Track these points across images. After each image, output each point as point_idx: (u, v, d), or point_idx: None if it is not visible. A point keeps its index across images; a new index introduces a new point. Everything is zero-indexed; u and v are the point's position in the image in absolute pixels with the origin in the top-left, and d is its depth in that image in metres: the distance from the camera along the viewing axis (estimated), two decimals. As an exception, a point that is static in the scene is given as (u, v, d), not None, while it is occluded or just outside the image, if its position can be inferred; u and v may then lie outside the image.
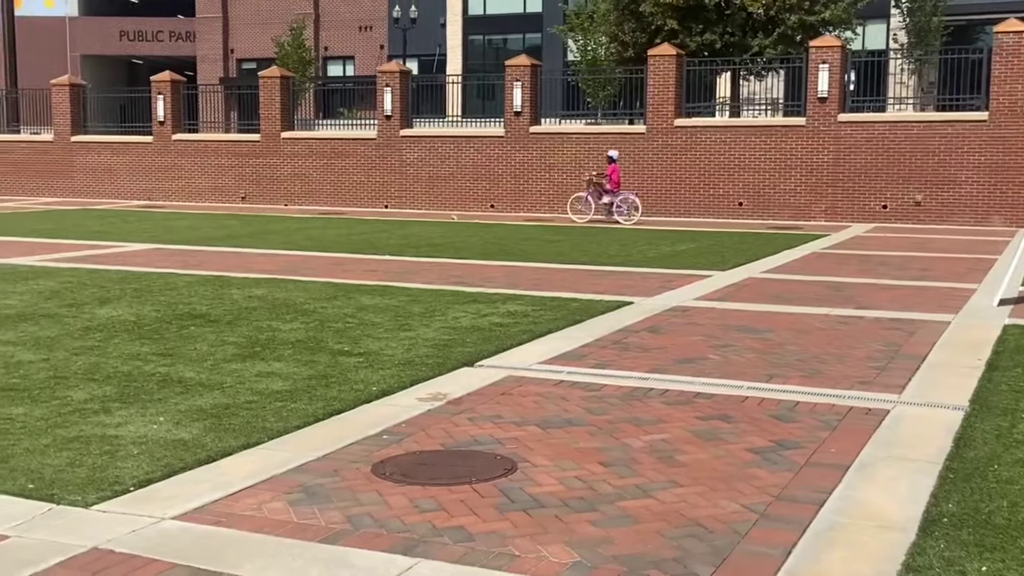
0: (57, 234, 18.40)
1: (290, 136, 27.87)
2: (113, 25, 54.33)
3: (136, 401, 6.69)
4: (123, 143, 29.70)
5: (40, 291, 11.28)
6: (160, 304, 10.52)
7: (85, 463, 5.43)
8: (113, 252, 15.57)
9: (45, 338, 8.67)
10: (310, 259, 14.91)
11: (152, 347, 8.38)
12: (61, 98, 29.88)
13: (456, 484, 5.17)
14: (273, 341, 8.69)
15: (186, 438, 5.91)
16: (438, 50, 46.94)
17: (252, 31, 49.88)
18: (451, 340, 8.78)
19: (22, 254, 14.95)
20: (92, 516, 4.72)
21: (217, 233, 19.08)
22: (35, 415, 6.32)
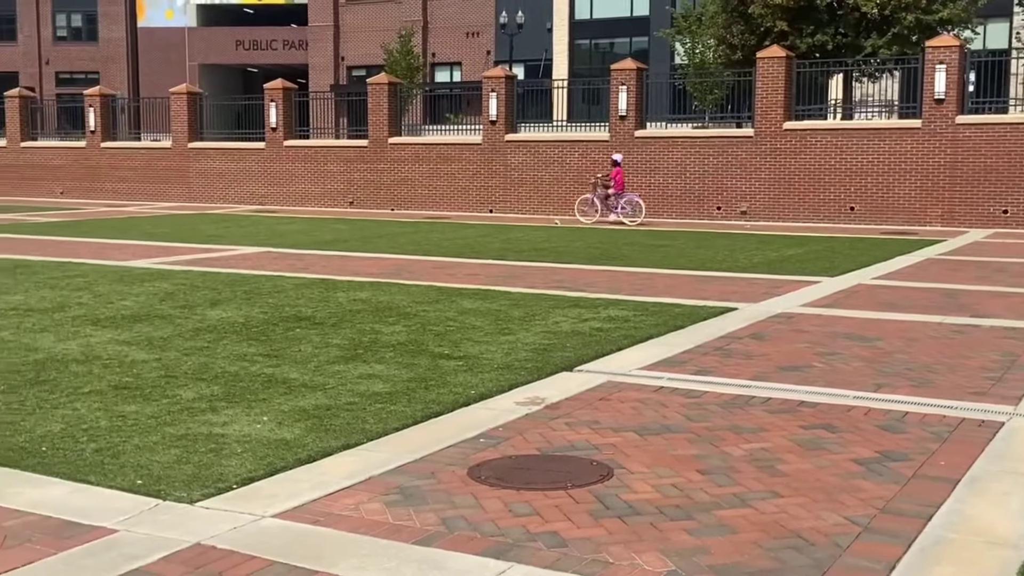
0: (173, 237, 19.03)
1: (397, 142, 28.28)
2: (229, 35, 56.00)
3: (242, 401, 6.86)
4: (237, 149, 30.58)
5: (155, 293, 11.68)
6: (268, 306, 10.77)
7: (191, 460, 5.58)
8: (225, 255, 16.02)
9: (158, 338, 8.97)
10: (414, 263, 15.09)
11: (259, 348, 8.58)
12: (179, 106, 30.91)
13: (551, 489, 5.15)
14: (375, 344, 8.80)
15: (288, 438, 6.02)
16: (544, 55, 47.03)
17: (362, 39, 50.81)
18: (551, 344, 8.76)
19: (139, 257, 15.50)
20: (196, 512, 4.84)
21: (325, 237, 19.47)
22: (146, 413, 6.53)
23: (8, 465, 5.46)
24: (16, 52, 59.11)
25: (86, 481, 5.23)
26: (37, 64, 58.76)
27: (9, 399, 6.80)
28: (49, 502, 4.92)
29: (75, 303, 10.86)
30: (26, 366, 7.79)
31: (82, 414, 6.47)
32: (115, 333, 9.16)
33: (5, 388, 7.09)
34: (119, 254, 15.86)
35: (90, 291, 11.74)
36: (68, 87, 55.01)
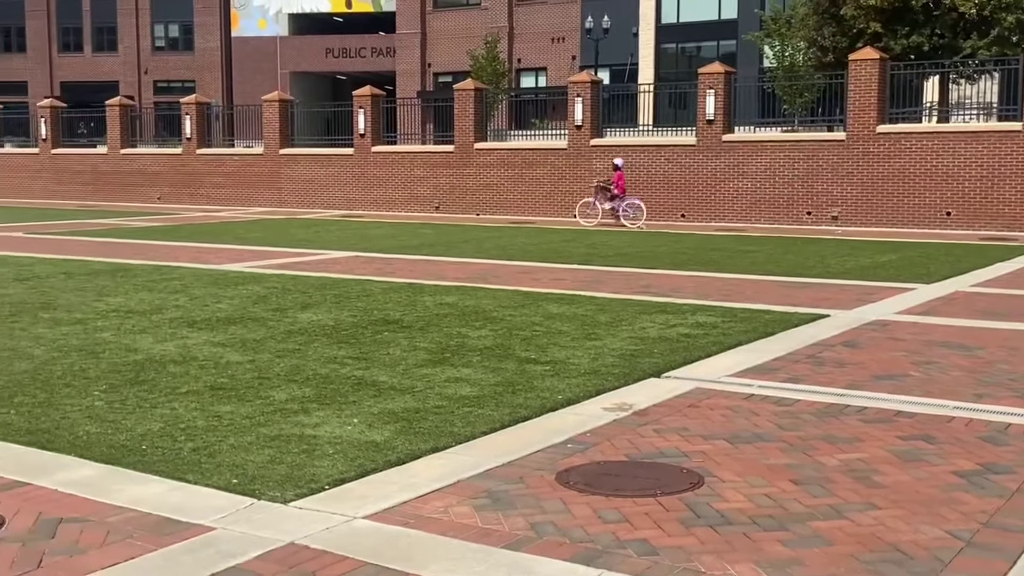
0: (265, 242, 19.41)
1: (483, 147, 28.43)
2: (319, 43, 56.99)
3: (332, 403, 6.95)
4: (326, 155, 31.08)
5: (248, 296, 11.92)
6: (357, 310, 10.91)
7: (285, 461, 5.67)
8: (315, 259, 16.29)
9: (251, 340, 9.15)
10: (499, 267, 15.14)
11: (348, 351, 8.70)
12: (271, 113, 31.56)
13: (641, 496, 5.10)
14: (462, 348, 8.85)
15: (378, 440, 6.08)
16: (630, 59, 46.80)
17: (449, 46, 51.23)
18: (638, 350, 8.70)
19: (233, 261, 15.85)
20: (290, 512, 4.92)
21: (412, 242, 19.66)
22: (241, 413, 6.67)
23: (110, 462, 5.62)
24: (117, 62, 61.04)
25: (184, 479, 5.35)
26: (136, 73, 60.59)
27: (111, 398, 7.01)
28: (149, 499, 5.05)
29: (172, 305, 11.15)
30: (126, 366, 8.02)
31: (180, 414, 6.63)
32: (210, 335, 9.38)
33: (107, 387, 7.31)
34: (214, 258, 16.25)
35: (186, 294, 12.04)
36: (165, 95, 56.59)
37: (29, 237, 20.34)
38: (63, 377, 7.62)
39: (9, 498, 5.07)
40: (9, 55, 62.66)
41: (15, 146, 38.54)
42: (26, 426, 6.32)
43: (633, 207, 23.75)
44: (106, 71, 60.70)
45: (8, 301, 11.38)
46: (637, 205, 23.76)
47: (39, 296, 11.79)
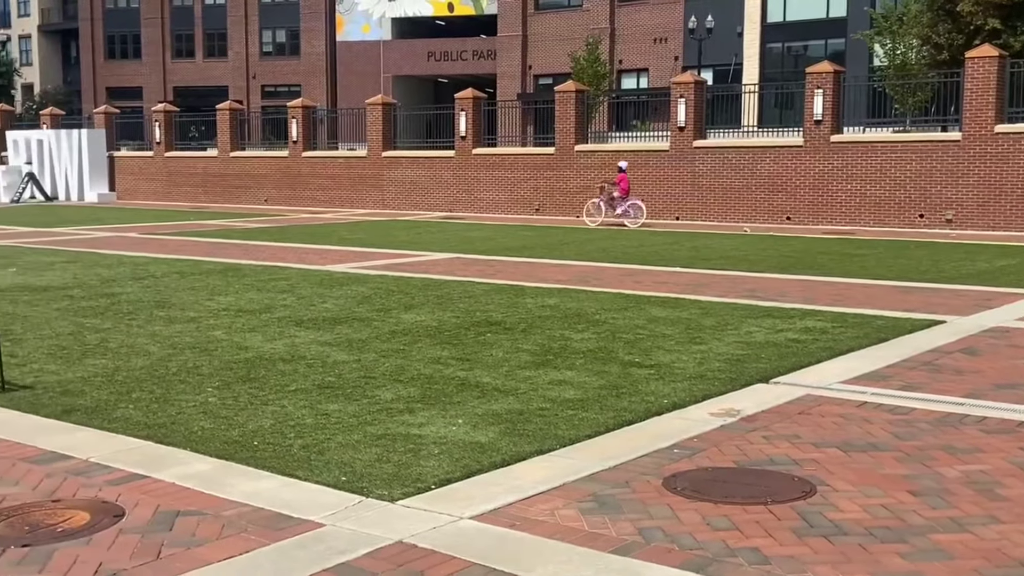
0: (368, 243, 19.70)
1: (583, 149, 28.35)
2: (422, 47, 57.65)
3: (437, 403, 7.00)
4: (427, 157, 31.41)
5: (353, 296, 12.10)
6: (459, 311, 10.97)
7: (391, 459, 5.73)
8: (417, 261, 16.46)
9: (357, 340, 9.28)
10: (601, 270, 15.06)
11: (452, 352, 8.74)
12: (374, 116, 32.03)
13: (751, 504, 5.00)
14: (565, 350, 8.82)
15: (483, 441, 6.09)
16: (734, 59, 46.13)
17: (549, 47, 51.25)
18: (745, 355, 8.54)
19: (337, 261, 16.12)
20: (397, 511, 4.96)
21: (513, 243, 19.71)
22: (348, 412, 6.76)
23: (224, 457, 5.75)
24: (227, 67, 62.76)
25: (294, 476, 5.44)
26: (245, 78, 62.20)
27: (224, 395, 7.18)
28: (262, 494, 5.15)
29: (280, 305, 11.38)
30: (238, 364, 8.21)
31: (289, 411, 6.76)
32: (317, 334, 9.55)
33: (220, 384, 7.50)
34: (319, 259, 16.55)
35: (294, 294, 12.28)
36: (272, 99, 57.95)
37: (144, 237, 21.04)
38: (178, 374, 7.84)
39: (129, 490, 5.23)
40: (125, 61, 64.97)
41: (131, 149, 39.93)
42: (144, 420, 6.52)
43: (635, 208, 24.70)
44: (216, 76, 62.46)
45: (126, 299, 11.78)
46: (638, 206, 24.76)
47: (154, 295, 12.17)
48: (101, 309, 11.03)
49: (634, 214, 24.65)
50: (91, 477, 5.44)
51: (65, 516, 4.89)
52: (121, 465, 5.62)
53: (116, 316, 10.57)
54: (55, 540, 4.59)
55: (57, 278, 13.85)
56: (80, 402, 6.96)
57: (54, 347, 8.89)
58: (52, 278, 13.86)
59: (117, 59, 65.36)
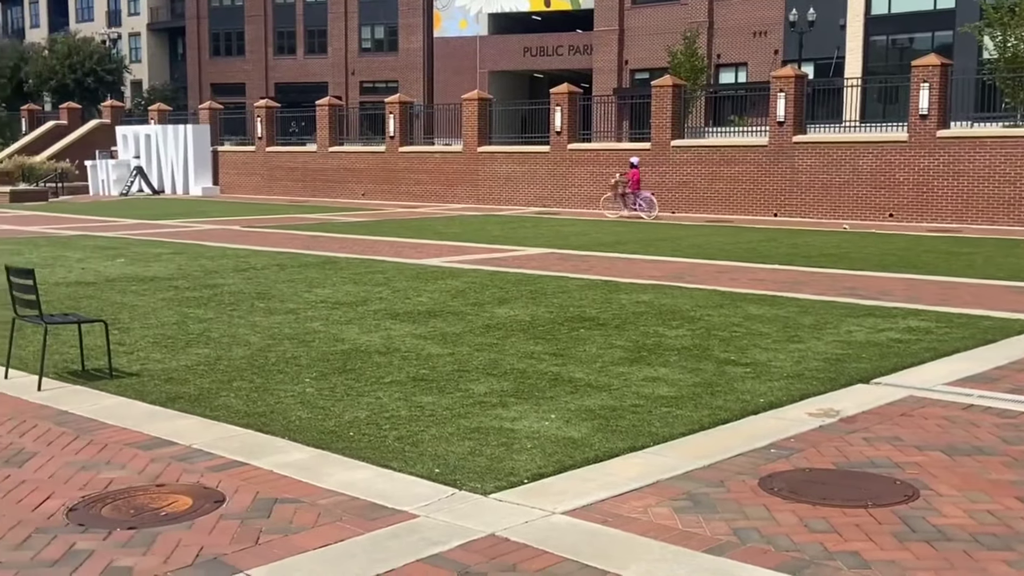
0: (462, 238, 19.83)
1: (679, 144, 28.06)
2: (518, 42, 57.74)
3: (530, 397, 7.00)
4: (522, 153, 31.45)
5: (447, 290, 12.20)
6: (553, 306, 10.96)
7: (484, 453, 5.75)
8: (511, 255, 16.50)
9: (451, 334, 9.35)
10: (696, 266, 14.88)
11: (545, 347, 8.74)
12: (470, 112, 32.21)
13: (850, 506, 4.88)
14: (659, 347, 8.74)
15: (575, 436, 6.08)
16: (836, 53, 45.09)
17: (646, 42, 50.84)
18: (844, 355, 8.34)
19: (432, 255, 16.27)
20: (490, 504, 4.98)
21: (606, 239, 19.62)
22: (442, 404, 6.81)
23: (320, 447, 5.85)
24: (326, 64, 63.84)
25: (389, 467, 5.51)
26: (344, 75, 63.17)
27: (321, 386, 7.31)
28: (357, 484, 5.22)
29: (376, 298, 11.54)
30: (334, 355, 8.35)
31: (384, 403, 6.84)
32: (412, 327, 9.64)
33: (317, 375, 7.63)
34: (414, 253, 16.72)
35: (389, 287, 12.43)
36: (370, 95, 58.73)
37: (246, 230, 21.55)
38: (277, 364, 8.01)
39: (229, 477, 5.36)
40: (230, 58, 66.58)
41: (234, 144, 40.93)
42: (244, 409, 6.67)
43: (647, 201, 26.02)
44: (316, 72, 63.57)
45: (228, 290, 12.08)
46: (650, 199, 26.06)
47: (255, 286, 12.46)
48: (204, 299, 11.33)
49: (647, 207, 25.86)
50: (193, 463, 5.59)
51: (169, 500, 5.03)
52: (222, 452, 5.76)
53: (218, 306, 10.85)
54: (159, 523, 4.73)
55: (163, 269, 14.28)
56: (184, 390, 7.16)
57: (159, 336, 9.16)
58: (158, 269, 14.29)
59: (222, 56, 67.03)
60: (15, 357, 7.97)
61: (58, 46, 57.24)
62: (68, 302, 11.02)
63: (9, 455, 5.78)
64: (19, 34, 73.47)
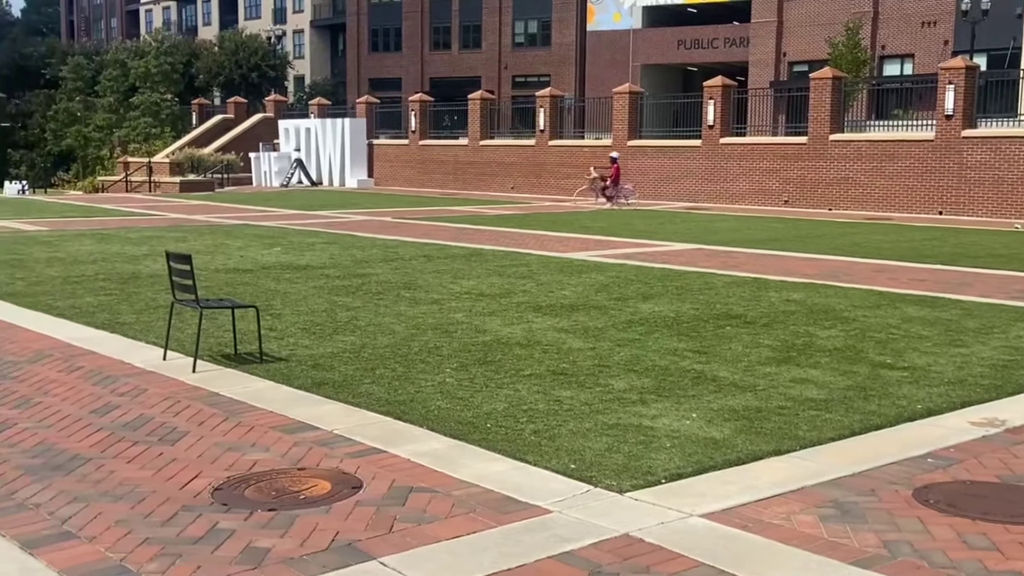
0: (608, 232, 19.66)
1: (838, 138, 27.10)
2: (672, 35, 56.99)
3: (671, 395, 6.84)
4: (673, 147, 30.99)
5: (591, 284, 12.09)
6: (698, 303, 10.71)
7: (621, 450, 5.63)
8: (658, 251, 16.25)
9: (593, 328, 9.24)
10: (852, 265, 14.30)
11: (688, 344, 8.54)
12: (621, 105, 31.94)
13: (1014, 523, 4.55)
14: (809, 347, 8.41)
15: (717, 437, 5.89)
16: (1012, 43, 42.69)
17: (806, 33, 49.34)
18: (1012, 361, 7.83)
19: (577, 249, 16.18)
20: (625, 502, 4.86)
21: (758, 235, 19.11)
22: (580, 399, 6.72)
23: (458, 438, 5.85)
24: (480, 58, 64.56)
25: (524, 460, 5.46)
26: (497, 69, 63.74)
27: (461, 376, 7.33)
28: (492, 476, 5.19)
29: (520, 290, 11.53)
30: (476, 346, 8.36)
31: (522, 395, 6.80)
32: (554, 321, 9.58)
33: (458, 365, 7.66)
34: (560, 246, 16.67)
35: (533, 280, 12.42)
36: (522, 90, 59.06)
37: (396, 222, 21.96)
38: (419, 353, 8.08)
39: (367, 463, 5.41)
40: (386, 54, 68.11)
41: (388, 138, 41.84)
42: (385, 397, 6.74)
43: (627, 192, 28.20)
44: (470, 67, 64.36)
45: (376, 280, 12.30)
46: (630, 190, 28.37)
47: (402, 276, 12.65)
48: (353, 288, 11.57)
49: (627, 196, 27.94)
50: (334, 448, 5.68)
51: (308, 484, 5.11)
52: (362, 438, 5.83)
53: (366, 295, 11.06)
54: (298, 507, 4.81)
55: (316, 258, 14.68)
56: (329, 376, 7.30)
57: (309, 323, 9.39)
58: (312, 258, 14.69)
59: (379, 51, 68.64)
60: (174, 339, 8.29)
61: (226, 43, 59.80)
62: (226, 288, 11.44)
63: (163, 433, 6.00)
64: (192, 32, 77.11)
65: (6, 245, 16.25)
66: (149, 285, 11.58)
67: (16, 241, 16.97)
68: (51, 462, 5.47)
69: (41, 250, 15.53)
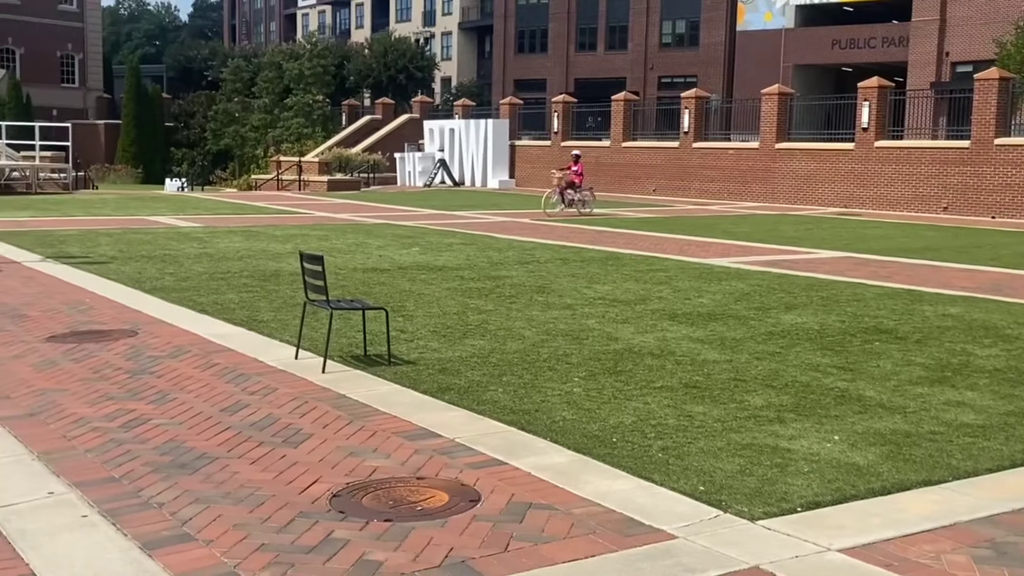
0: (752, 238, 19.06)
1: (1005, 143, 25.61)
2: (825, 35, 55.22)
3: (811, 415, 6.45)
4: (823, 150, 29.93)
5: (731, 292, 11.66)
6: (845, 315, 10.18)
7: (755, 473, 5.31)
8: (803, 258, 15.62)
9: (730, 339, 8.86)
10: (1016, 278, 13.40)
11: (833, 359, 8.08)
12: (769, 107, 31.06)
13: None
14: (966, 367, 7.84)
15: (860, 463, 5.49)
16: None
17: (971, 32, 46.98)
18: None
19: (718, 255, 15.70)
20: (756, 531, 4.56)
21: (913, 244, 18.17)
22: (713, 415, 6.40)
23: (582, 452, 5.64)
24: (626, 59, 64.05)
25: (650, 479, 5.20)
26: (643, 70, 63.12)
27: (588, 386, 7.11)
28: (614, 495, 4.96)
29: (655, 297, 11.22)
30: (606, 355, 8.12)
31: (652, 409, 6.53)
32: (690, 330, 9.25)
33: (586, 374, 7.44)
34: (700, 251, 16.23)
35: (670, 286, 12.07)
36: (668, 91, 58.29)
37: (535, 223, 21.86)
38: (547, 360, 7.89)
39: (487, 475, 5.25)
40: (532, 55, 68.38)
41: (531, 139, 41.87)
42: (510, 405, 6.58)
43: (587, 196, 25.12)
44: (615, 68, 63.92)
45: (510, 283, 12.19)
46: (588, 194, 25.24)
47: (536, 280, 12.49)
48: (486, 291, 11.48)
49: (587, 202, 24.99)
50: (454, 457, 5.54)
51: (426, 495, 4.99)
52: (483, 448, 5.68)
53: (498, 298, 10.95)
54: (414, 518, 4.69)
55: (452, 259, 14.69)
56: (455, 381, 7.19)
57: (439, 325, 9.32)
58: (448, 258, 14.71)
59: (525, 53, 68.95)
60: (307, 338, 8.35)
61: (376, 45, 61.10)
62: (362, 288, 11.53)
63: (288, 435, 5.99)
64: (346, 34, 79.18)
65: (161, 241, 16.88)
66: (289, 283, 11.78)
67: (170, 237, 17.62)
68: (178, 460, 5.53)
69: (192, 246, 16.06)
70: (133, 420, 6.28)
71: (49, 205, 25.93)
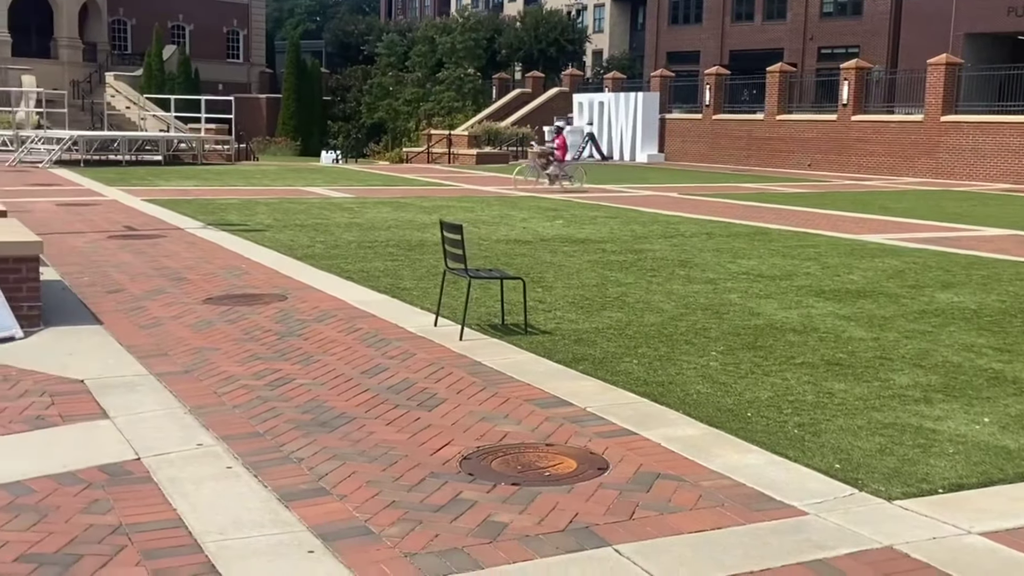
0: (911, 214, 18.30)
1: None
2: (1000, 1, 52.27)
3: (961, 396, 6.17)
4: (994, 123, 28.42)
5: (884, 269, 11.24)
6: (1007, 295, 9.68)
7: (895, 452, 5.13)
8: (965, 236, 14.91)
9: (879, 317, 8.55)
10: None
11: (989, 340, 7.71)
12: (935, 78, 29.66)
13: None
14: None
15: (1010, 446, 5.24)
16: None
17: None
18: None
19: (873, 231, 15.14)
20: (892, 511, 4.41)
21: (1087, 222, 17.08)
22: (854, 393, 6.21)
23: (713, 424, 5.56)
24: (784, 29, 62.17)
25: (784, 455, 5.10)
26: (801, 40, 61.13)
27: (726, 360, 6.99)
28: (745, 469, 4.88)
29: (802, 273, 10.92)
30: (746, 330, 7.97)
31: (790, 385, 6.38)
32: (836, 307, 8.97)
33: (724, 349, 7.32)
34: (854, 227, 15.69)
35: (819, 262, 11.73)
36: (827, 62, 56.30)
37: (682, 198, 21.56)
38: (685, 334, 7.80)
39: (616, 445, 5.25)
40: (686, 27, 67.15)
41: (682, 112, 41.25)
42: (644, 377, 6.54)
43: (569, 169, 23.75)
44: (772, 38, 62.11)
45: (651, 256, 12.08)
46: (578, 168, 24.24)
47: (679, 254, 12.34)
48: (627, 264, 11.41)
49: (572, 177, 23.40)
50: (584, 426, 5.56)
51: (554, 461, 5.03)
52: (613, 418, 5.67)
53: (639, 271, 10.87)
54: (541, 483, 4.73)
55: (595, 231, 14.65)
56: (590, 352, 7.19)
57: (578, 296, 9.33)
58: (591, 231, 14.68)
59: (679, 24, 67.74)
60: (446, 307, 8.49)
61: (528, 18, 61.20)
62: (504, 259, 11.63)
63: (423, 399, 6.13)
64: (498, 8, 79.60)
65: (314, 211, 17.44)
66: (432, 252, 11.99)
67: (323, 207, 18.18)
68: (319, 418, 5.73)
69: (343, 216, 16.54)
70: (279, 379, 6.54)
71: (212, 175, 27.13)
